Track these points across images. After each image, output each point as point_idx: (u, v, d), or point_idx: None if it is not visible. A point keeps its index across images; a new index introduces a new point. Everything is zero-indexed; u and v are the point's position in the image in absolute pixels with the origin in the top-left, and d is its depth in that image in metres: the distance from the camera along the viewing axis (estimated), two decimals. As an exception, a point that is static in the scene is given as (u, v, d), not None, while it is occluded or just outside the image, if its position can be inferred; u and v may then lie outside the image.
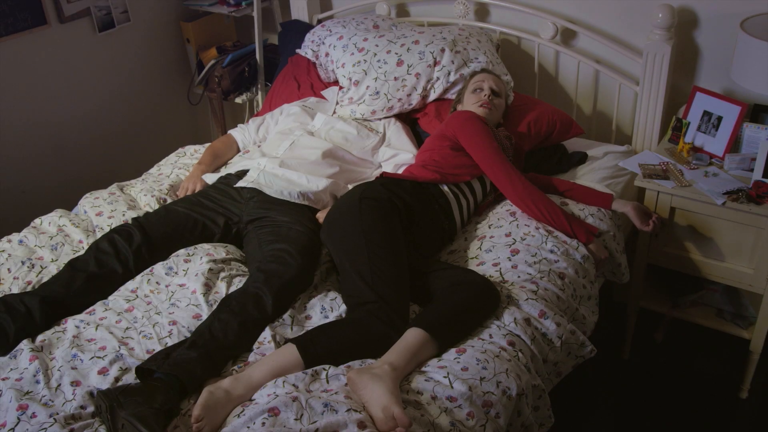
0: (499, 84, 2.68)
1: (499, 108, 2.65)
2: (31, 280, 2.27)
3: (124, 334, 2.02)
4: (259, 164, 2.61)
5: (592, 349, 2.12)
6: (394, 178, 2.41)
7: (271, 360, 1.85)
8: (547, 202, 2.36)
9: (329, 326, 1.96)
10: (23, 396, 1.80)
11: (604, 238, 2.44)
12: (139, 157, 3.61)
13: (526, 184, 2.38)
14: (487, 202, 2.57)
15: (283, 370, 1.83)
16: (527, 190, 2.37)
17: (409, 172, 2.47)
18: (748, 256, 2.54)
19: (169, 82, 3.94)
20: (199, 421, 1.70)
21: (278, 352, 1.87)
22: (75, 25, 3.35)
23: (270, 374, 1.82)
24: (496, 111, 2.62)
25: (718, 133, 2.64)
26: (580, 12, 2.98)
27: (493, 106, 2.61)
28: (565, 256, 2.24)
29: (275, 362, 1.84)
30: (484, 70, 2.77)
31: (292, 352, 1.85)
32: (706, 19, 2.74)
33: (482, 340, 1.94)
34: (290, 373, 1.83)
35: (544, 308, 2.05)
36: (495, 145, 2.44)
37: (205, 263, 2.23)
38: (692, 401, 2.77)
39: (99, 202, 2.63)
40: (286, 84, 3.24)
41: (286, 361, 1.84)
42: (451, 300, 2.00)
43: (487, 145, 2.44)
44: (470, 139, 2.46)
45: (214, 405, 1.73)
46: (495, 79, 2.69)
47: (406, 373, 1.83)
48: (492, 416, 1.74)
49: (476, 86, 2.66)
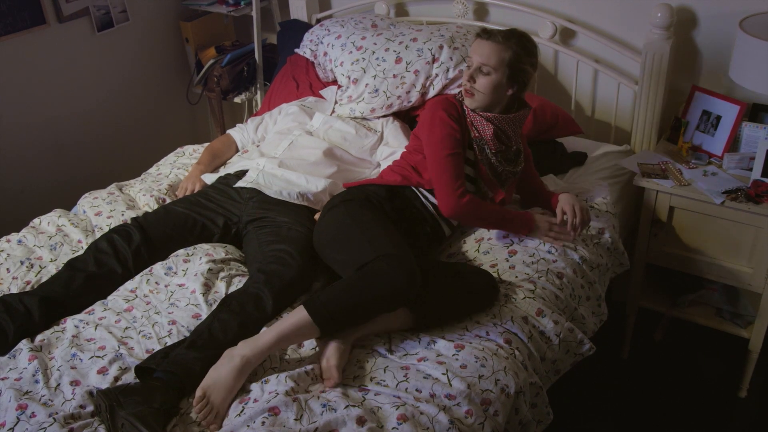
0: (494, 55, 2.17)
1: (488, 89, 2.20)
2: (30, 279, 2.27)
3: (124, 333, 2.02)
4: (258, 164, 2.61)
5: (590, 347, 2.12)
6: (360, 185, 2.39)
7: (281, 324, 1.86)
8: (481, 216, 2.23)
9: (338, 283, 1.95)
10: (22, 396, 1.80)
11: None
12: (138, 156, 3.60)
13: (462, 203, 2.18)
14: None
15: (295, 331, 1.84)
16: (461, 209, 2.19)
17: (380, 175, 2.45)
18: (747, 255, 2.54)
19: (167, 82, 3.93)
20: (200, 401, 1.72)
21: (289, 316, 1.88)
22: (74, 24, 3.35)
23: (279, 338, 1.83)
24: (482, 95, 2.21)
25: (717, 133, 2.65)
26: (579, 11, 2.98)
27: (476, 91, 2.21)
28: (563, 257, 2.24)
29: (285, 325, 1.85)
30: (479, 35, 2.24)
31: (303, 314, 1.85)
32: (705, 19, 2.74)
33: (479, 338, 1.94)
34: (302, 334, 1.86)
35: (542, 306, 2.06)
36: (445, 153, 2.19)
37: (204, 263, 2.23)
38: (691, 400, 2.78)
39: (98, 202, 2.63)
40: (284, 83, 3.24)
41: (297, 324, 1.84)
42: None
43: (433, 153, 2.21)
44: (426, 140, 2.25)
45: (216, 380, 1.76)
46: (489, 48, 2.18)
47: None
48: (491, 414, 1.75)
49: (467, 63, 2.26)
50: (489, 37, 2.20)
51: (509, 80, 2.20)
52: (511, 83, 2.21)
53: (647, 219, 2.66)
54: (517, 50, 2.18)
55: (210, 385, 1.76)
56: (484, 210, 2.23)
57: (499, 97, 2.23)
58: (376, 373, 1.85)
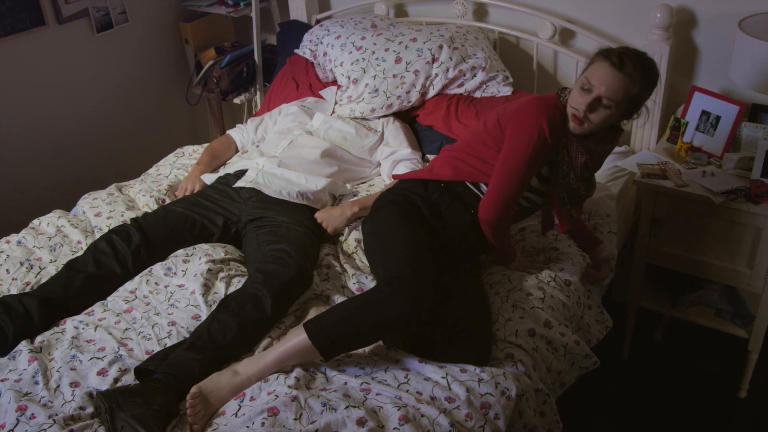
0: (621, 89, 1.93)
1: (603, 122, 2.00)
2: (29, 280, 2.27)
3: (123, 334, 2.02)
4: (257, 164, 2.61)
5: (595, 361, 2.12)
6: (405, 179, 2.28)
7: (282, 344, 1.86)
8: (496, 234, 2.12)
9: (339, 306, 1.95)
10: (22, 397, 1.80)
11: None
12: (137, 157, 3.60)
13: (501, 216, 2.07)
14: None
15: (296, 354, 1.84)
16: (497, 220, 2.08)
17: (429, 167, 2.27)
18: (746, 255, 2.54)
19: (167, 83, 3.93)
20: (195, 398, 1.72)
21: (290, 336, 1.87)
22: (73, 25, 3.35)
23: (280, 359, 1.84)
24: (593, 126, 2.01)
25: (717, 133, 2.65)
26: (578, 12, 2.98)
27: (588, 121, 2.00)
28: (571, 265, 2.25)
29: (287, 347, 1.85)
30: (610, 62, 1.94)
31: (304, 337, 1.84)
32: (705, 19, 2.74)
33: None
34: (304, 356, 1.85)
35: (550, 317, 2.05)
36: (524, 166, 2.02)
37: (203, 263, 2.23)
38: (691, 400, 2.78)
39: (97, 203, 2.63)
40: (284, 84, 3.24)
41: (298, 346, 1.84)
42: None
43: (518, 151, 2.02)
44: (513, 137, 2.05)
45: (215, 385, 1.77)
46: (620, 81, 1.93)
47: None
48: (491, 417, 1.74)
49: (584, 84, 1.98)
50: (621, 67, 1.93)
51: (624, 114, 2.02)
52: (624, 116, 2.04)
53: (647, 219, 2.66)
54: (645, 86, 1.97)
55: (208, 387, 1.77)
56: (504, 232, 2.15)
57: (601, 126, 2.04)
58: (377, 373, 1.84)
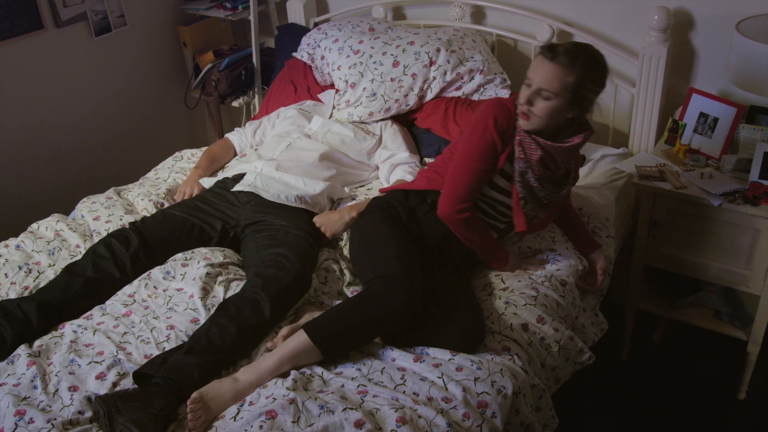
0: (555, 79, 1.97)
1: (546, 114, 2.02)
2: (28, 285, 2.27)
3: (122, 338, 2.02)
4: (255, 167, 2.61)
5: (590, 356, 2.12)
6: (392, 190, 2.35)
7: (283, 347, 1.87)
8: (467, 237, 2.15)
9: (336, 307, 1.97)
10: (21, 401, 1.79)
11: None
12: (136, 161, 3.60)
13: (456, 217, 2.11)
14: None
15: (296, 355, 1.85)
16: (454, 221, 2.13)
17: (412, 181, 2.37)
18: (745, 257, 2.54)
19: (165, 86, 3.93)
20: (195, 403, 1.72)
21: (290, 340, 1.88)
22: (72, 29, 3.35)
23: (280, 362, 1.84)
24: (539, 120, 2.03)
25: (715, 135, 2.65)
26: (576, 14, 2.99)
27: (532, 115, 2.03)
28: (567, 266, 2.24)
29: (287, 349, 1.86)
30: (542, 53, 2.01)
31: (303, 337, 1.86)
32: (702, 21, 2.74)
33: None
34: (305, 358, 1.86)
35: (543, 314, 2.05)
36: (474, 164, 2.09)
37: (202, 267, 2.23)
38: (690, 402, 2.78)
39: (96, 207, 2.63)
40: (282, 87, 3.25)
41: (298, 348, 1.85)
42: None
43: (464, 154, 2.11)
44: (465, 138, 2.14)
45: (216, 392, 1.77)
46: (552, 71, 1.97)
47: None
48: (488, 416, 1.75)
49: (526, 80, 2.05)
50: (553, 57, 1.97)
51: (570, 105, 2.02)
52: (572, 108, 2.03)
53: (645, 221, 2.66)
54: (582, 74, 1.97)
55: (209, 394, 1.76)
56: (472, 233, 2.15)
57: (556, 121, 2.05)
58: (374, 374, 1.85)
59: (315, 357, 1.87)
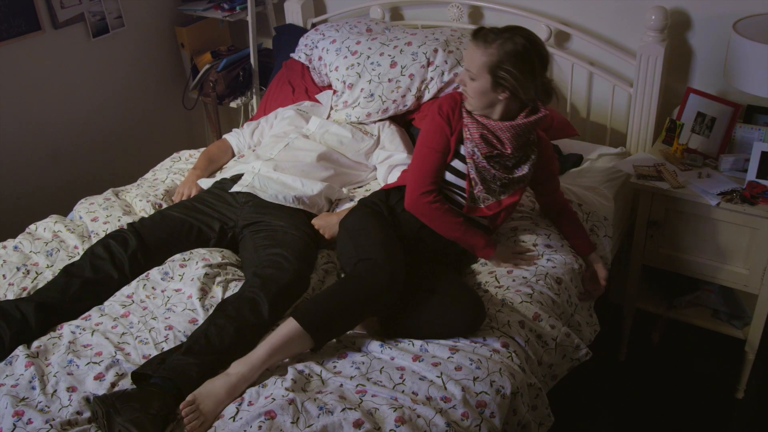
0: (474, 60, 2.05)
1: (475, 94, 2.09)
2: (26, 286, 2.27)
3: (120, 339, 2.02)
4: (253, 168, 2.61)
5: (587, 352, 2.12)
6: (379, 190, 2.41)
7: (272, 337, 1.87)
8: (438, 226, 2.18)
9: (321, 292, 2.00)
10: (19, 402, 1.79)
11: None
12: (134, 162, 3.60)
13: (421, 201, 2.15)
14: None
15: (286, 342, 1.86)
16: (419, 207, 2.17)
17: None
18: (743, 256, 2.55)
19: (163, 87, 3.93)
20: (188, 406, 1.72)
21: (279, 328, 1.89)
22: (69, 30, 3.35)
23: (271, 350, 1.84)
24: (473, 100, 2.11)
25: (712, 134, 2.65)
26: (573, 14, 2.99)
27: (467, 95, 2.13)
28: (562, 264, 2.24)
29: (277, 337, 1.86)
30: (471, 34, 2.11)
31: (292, 324, 1.87)
32: (699, 21, 2.75)
33: (475, 344, 1.94)
34: (296, 345, 1.87)
35: (539, 311, 2.06)
36: (426, 148, 2.17)
37: (200, 268, 2.23)
38: (689, 401, 2.78)
39: (94, 208, 2.62)
40: (280, 88, 3.24)
41: (288, 334, 1.86)
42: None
43: (419, 144, 2.21)
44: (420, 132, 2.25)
45: (209, 390, 1.77)
46: (472, 52, 2.06)
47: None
48: (486, 416, 1.75)
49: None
50: (475, 38, 2.06)
51: (495, 86, 2.05)
52: (498, 89, 2.06)
53: (643, 221, 2.67)
54: (499, 56, 2.01)
55: (202, 393, 1.77)
56: (443, 219, 2.16)
57: (490, 102, 2.10)
58: (373, 374, 1.85)
59: (306, 343, 1.88)
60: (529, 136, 2.18)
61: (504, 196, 2.22)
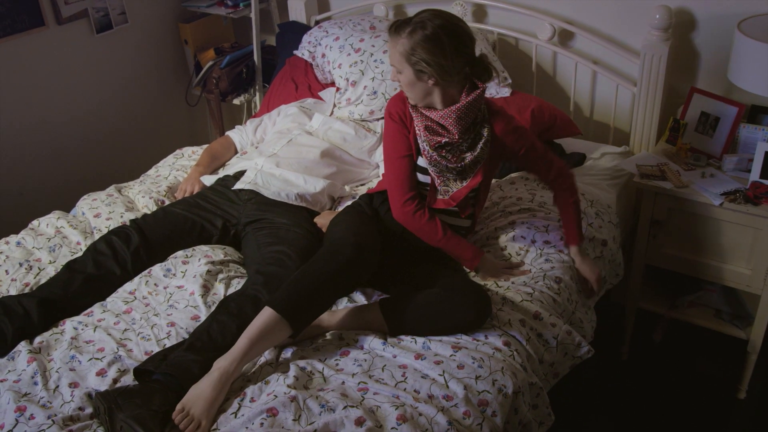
0: (392, 54, 2.04)
1: (406, 87, 2.07)
2: (28, 281, 2.27)
3: (123, 335, 2.02)
4: (256, 164, 2.61)
5: (588, 350, 2.12)
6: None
7: (250, 327, 1.87)
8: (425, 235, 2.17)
9: (292, 277, 1.97)
10: (21, 398, 1.80)
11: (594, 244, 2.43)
12: (136, 158, 3.61)
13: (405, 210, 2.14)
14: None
15: (264, 330, 1.85)
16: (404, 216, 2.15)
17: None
18: (745, 256, 2.54)
19: (166, 84, 3.94)
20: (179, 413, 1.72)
21: (256, 318, 1.88)
22: (73, 26, 3.35)
23: (250, 341, 1.84)
24: (409, 93, 2.09)
25: (716, 134, 2.65)
26: (577, 13, 2.99)
27: (401, 87, 2.10)
28: (561, 263, 2.24)
29: (254, 327, 1.86)
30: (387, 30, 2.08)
31: (267, 311, 1.87)
32: (704, 20, 2.74)
33: (477, 341, 1.94)
34: (274, 332, 1.86)
35: (539, 309, 2.06)
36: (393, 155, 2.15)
37: (203, 265, 2.23)
38: (691, 401, 2.78)
39: (97, 204, 2.63)
40: (283, 85, 3.24)
41: (265, 322, 1.86)
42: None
43: (385, 155, 2.20)
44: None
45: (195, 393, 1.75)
46: (389, 46, 2.05)
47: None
48: (488, 415, 1.75)
49: None
50: (389, 32, 2.03)
51: (418, 75, 2.01)
52: (424, 76, 2.01)
53: (646, 220, 2.66)
54: (411, 43, 1.98)
55: (190, 398, 1.75)
56: (428, 229, 2.15)
57: (425, 92, 2.05)
58: (375, 371, 1.85)
59: (284, 329, 1.87)
60: (474, 116, 2.10)
61: (464, 183, 2.15)
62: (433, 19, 1.98)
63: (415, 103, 2.10)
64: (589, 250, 2.33)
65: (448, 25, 1.99)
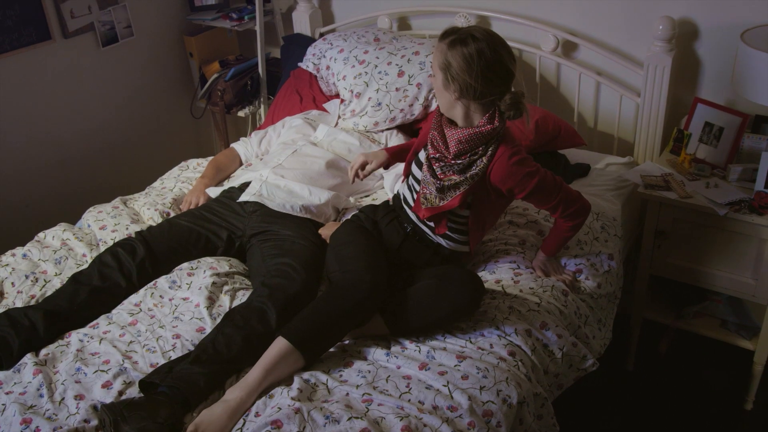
0: (435, 56, 2.06)
1: (436, 91, 2.11)
2: (34, 293, 2.28)
3: (128, 347, 2.02)
4: (261, 175, 2.62)
5: (594, 363, 2.11)
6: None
7: (264, 357, 1.87)
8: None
9: (306, 308, 1.98)
10: (27, 410, 1.80)
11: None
12: (142, 170, 3.62)
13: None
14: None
15: (278, 361, 1.86)
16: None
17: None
18: (751, 266, 2.54)
19: (172, 96, 3.95)
20: None
21: (270, 348, 1.89)
22: (79, 40, 3.37)
23: (265, 371, 1.84)
24: (437, 98, 2.12)
25: (720, 144, 2.65)
26: (580, 24, 3.00)
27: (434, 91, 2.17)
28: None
29: (268, 358, 1.86)
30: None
31: (281, 342, 1.87)
32: (707, 31, 2.75)
33: (482, 350, 1.94)
34: (287, 363, 1.87)
35: (546, 320, 2.05)
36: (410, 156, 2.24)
37: (208, 277, 2.24)
38: (697, 413, 2.76)
39: (102, 216, 2.63)
40: (288, 97, 3.26)
41: (279, 353, 1.86)
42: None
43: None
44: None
45: (209, 418, 1.74)
46: (435, 51, 2.07)
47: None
48: (493, 425, 1.74)
49: None
50: (439, 38, 2.05)
51: (447, 85, 2.03)
52: (449, 87, 2.03)
53: (651, 231, 2.66)
54: (449, 55, 2.00)
55: (203, 421, 1.74)
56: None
57: (449, 103, 2.07)
58: (379, 382, 1.85)
59: (297, 361, 1.89)
60: (476, 147, 2.06)
61: (443, 203, 2.11)
62: (477, 39, 1.99)
63: (442, 111, 2.13)
64: (597, 266, 2.33)
65: (486, 51, 1.98)
